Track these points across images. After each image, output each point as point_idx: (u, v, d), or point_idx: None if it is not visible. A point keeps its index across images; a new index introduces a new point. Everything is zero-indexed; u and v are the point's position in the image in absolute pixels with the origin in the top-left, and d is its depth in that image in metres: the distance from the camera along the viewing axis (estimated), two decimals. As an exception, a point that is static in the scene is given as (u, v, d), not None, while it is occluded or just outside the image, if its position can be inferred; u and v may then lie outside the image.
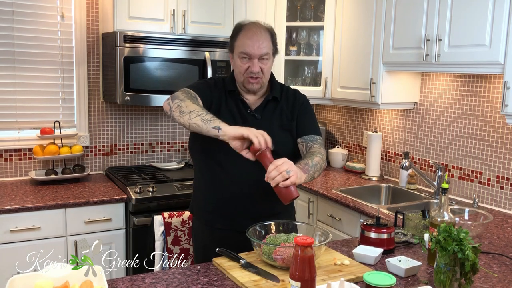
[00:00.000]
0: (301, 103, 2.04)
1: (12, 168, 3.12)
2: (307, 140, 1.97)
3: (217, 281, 1.57)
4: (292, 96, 2.05)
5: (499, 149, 2.65)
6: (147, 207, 2.83)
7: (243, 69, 1.90)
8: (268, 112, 1.97)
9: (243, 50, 1.89)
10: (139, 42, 2.97)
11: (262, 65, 1.90)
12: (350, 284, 1.43)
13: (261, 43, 1.89)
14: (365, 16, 3.06)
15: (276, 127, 1.95)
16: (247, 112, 1.95)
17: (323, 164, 1.87)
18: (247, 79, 1.92)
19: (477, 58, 2.34)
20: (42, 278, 1.42)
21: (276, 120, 1.97)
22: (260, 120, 1.95)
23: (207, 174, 1.97)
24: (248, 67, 1.89)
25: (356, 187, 3.09)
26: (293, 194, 1.61)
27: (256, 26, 1.93)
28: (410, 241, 1.98)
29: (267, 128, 1.91)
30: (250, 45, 1.88)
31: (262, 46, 1.89)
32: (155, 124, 3.54)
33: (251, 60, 1.89)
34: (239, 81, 1.96)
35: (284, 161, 1.63)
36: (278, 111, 1.99)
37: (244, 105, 1.97)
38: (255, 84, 1.92)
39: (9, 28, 3.00)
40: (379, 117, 3.46)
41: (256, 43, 1.88)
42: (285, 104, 2.01)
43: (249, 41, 1.88)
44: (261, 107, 1.97)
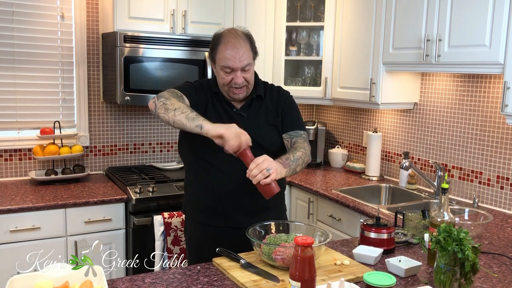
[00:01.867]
0: (284, 99, 2.07)
1: (12, 168, 3.12)
2: (292, 135, 2.00)
3: (217, 281, 1.57)
4: (276, 92, 2.08)
5: (499, 149, 2.66)
6: (147, 207, 2.83)
7: (227, 81, 1.92)
8: (254, 109, 2.00)
9: (224, 64, 1.89)
10: (139, 42, 2.97)
11: (245, 75, 1.92)
12: (350, 284, 1.43)
13: (242, 54, 1.88)
14: (365, 16, 3.06)
15: (263, 124, 1.99)
16: (233, 111, 1.98)
17: (306, 158, 1.91)
18: (231, 90, 1.94)
19: (477, 58, 2.34)
20: (42, 278, 1.42)
21: (263, 117, 2.00)
22: (247, 117, 1.97)
23: (198, 173, 1.99)
24: (232, 79, 1.90)
25: (356, 187, 3.09)
26: (273, 190, 1.70)
27: (234, 36, 1.91)
28: (410, 241, 1.98)
29: (254, 125, 1.96)
30: (231, 59, 1.87)
31: (243, 58, 1.89)
32: (155, 124, 3.54)
33: (234, 72, 1.90)
34: (224, 91, 1.97)
35: (265, 159, 1.69)
36: (263, 108, 2.02)
37: (229, 105, 1.99)
38: (241, 94, 1.95)
39: (9, 28, 3.00)
40: (379, 117, 3.46)
41: (237, 56, 1.87)
42: (270, 101, 2.04)
43: (229, 55, 1.88)
44: (246, 105, 2.00)
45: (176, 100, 1.83)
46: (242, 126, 1.87)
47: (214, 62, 1.96)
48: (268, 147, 1.94)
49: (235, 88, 1.92)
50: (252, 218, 1.87)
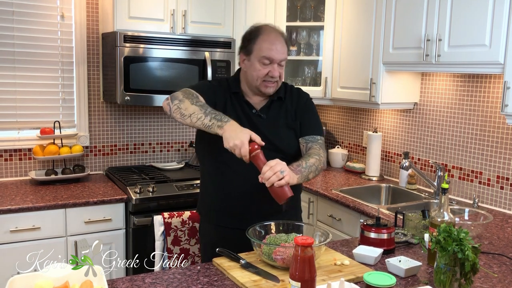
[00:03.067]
0: (304, 101, 2.05)
1: (12, 168, 3.12)
2: (308, 140, 1.98)
3: (217, 281, 1.57)
4: (296, 94, 2.06)
5: (499, 149, 2.65)
6: (147, 207, 2.83)
7: (263, 73, 1.90)
8: (273, 111, 1.98)
9: (265, 55, 1.88)
10: (139, 42, 2.97)
11: (280, 70, 1.92)
12: (350, 284, 1.43)
13: (281, 47, 1.91)
14: (365, 16, 3.06)
15: (282, 126, 1.97)
16: (252, 112, 1.95)
17: (320, 165, 1.88)
18: (264, 84, 1.92)
19: (477, 58, 2.34)
20: (42, 278, 1.42)
21: (282, 119, 1.98)
22: (266, 119, 1.95)
23: (214, 173, 1.97)
24: (269, 72, 1.89)
25: (356, 187, 3.09)
26: (287, 193, 1.65)
27: (275, 31, 1.94)
28: (410, 241, 1.98)
29: (272, 127, 1.94)
30: (274, 50, 1.88)
31: (283, 51, 1.91)
32: (155, 124, 3.54)
33: (272, 65, 1.89)
34: (253, 85, 1.94)
35: (277, 162, 1.66)
36: (283, 111, 1.99)
37: (248, 106, 1.97)
38: (272, 88, 1.93)
39: (9, 28, 3.00)
40: (379, 117, 3.46)
41: (279, 48, 1.89)
42: (289, 103, 2.02)
43: (273, 46, 1.89)
44: (266, 107, 1.98)
45: (189, 103, 1.79)
46: (260, 128, 1.89)
47: (249, 53, 1.92)
48: (285, 150, 1.93)
49: (269, 81, 1.91)
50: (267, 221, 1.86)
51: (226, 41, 3.25)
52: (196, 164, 3.46)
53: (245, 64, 1.97)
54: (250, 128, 1.89)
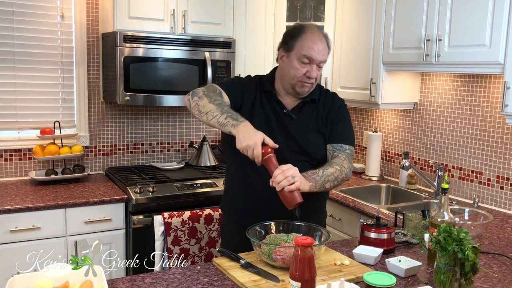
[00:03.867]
0: (338, 107, 2.00)
1: (12, 168, 3.12)
2: (335, 148, 1.94)
3: (217, 281, 1.57)
4: (330, 99, 2.01)
5: (499, 149, 2.65)
6: (147, 207, 2.83)
7: (301, 72, 1.86)
8: (305, 113, 1.95)
9: (307, 54, 1.85)
10: (139, 42, 2.97)
11: (318, 71, 1.90)
12: (350, 284, 1.43)
13: (323, 49, 1.88)
14: (365, 16, 3.06)
15: (312, 129, 1.93)
16: (283, 112, 1.93)
17: (341, 176, 1.83)
18: (300, 83, 1.88)
19: (477, 58, 2.34)
20: (42, 278, 1.42)
21: (312, 123, 1.94)
22: (296, 120, 1.92)
23: (239, 173, 1.96)
24: (306, 72, 1.86)
25: (356, 187, 3.09)
26: (297, 199, 1.63)
27: (319, 32, 1.92)
28: (410, 241, 1.98)
29: (302, 129, 1.91)
30: (316, 50, 1.85)
31: (323, 53, 1.88)
32: (155, 124, 3.54)
33: (311, 65, 1.86)
34: (289, 83, 1.90)
35: (290, 167, 1.64)
36: (314, 113, 1.96)
37: (279, 105, 1.94)
38: (307, 88, 1.90)
39: (9, 28, 3.00)
40: (379, 117, 3.46)
41: (321, 49, 1.87)
42: (322, 107, 1.98)
43: (315, 45, 1.86)
44: (298, 108, 1.95)
45: (207, 101, 1.79)
46: (289, 129, 1.88)
47: (290, 50, 1.89)
48: (312, 154, 1.90)
49: (305, 82, 1.87)
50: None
51: (226, 41, 3.25)
52: (196, 164, 3.46)
53: (284, 60, 1.93)
54: (279, 128, 1.90)
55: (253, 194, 1.92)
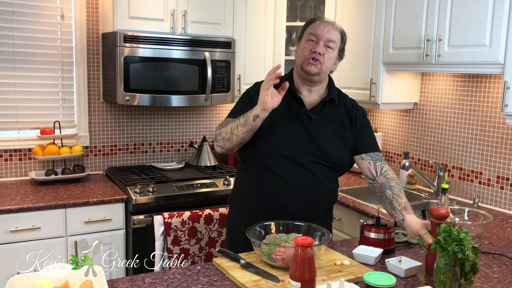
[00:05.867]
0: (361, 115, 2.02)
1: (12, 168, 3.12)
2: (373, 158, 1.97)
3: (217, 281, 1.57)
4: (350, 104, 2.03)
5: (499, 149, 2.65)
6: (147, 207, 2.83)
7: (307, 50, 1.90)
8: (325, 114, 1.95)
9: (312, 31, 1.90)
10: (139, 42, 2.96)
11: (326, 51, 1.89)
12: (350, 284, 1.43)
13: (331, 29, 1.92)
14: (365, 16, 3.06)
15: (330, 132, 1.93)
16: (301, 111, 1.93)
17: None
18: (307, 60, 1.89)
19: (477, 58, 2.34)
20: (42, 278, 1.42)
21: (331, 125, 1.94)
22: (315, 121, 1.92)
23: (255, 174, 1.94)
24: (312, 48, 1.89)
25: (356, 187, 3.09)
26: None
27: (331, 21, 1.99)
28: (410, 241, 1.98)
29: (320, 130, 1.91)
30: (320, 27, 1.90)
31: (331, 32, 1.91)
32: (155, 124, 3.54)
33: (317, 42, 1.89)
34: (299, 64, 1.94)
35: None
36: (334, 116, 1.96)
37: (299, 103, 1.94)
38: (314, 66, 1.89)
39: (9, 28, 3.00)
40: (379, 117, 3.46)
41: (327, 27, 1.91)
42: (343, 110, 1.99)
43: (321, 24, 1.92)
44: (318, 108, 1.94)
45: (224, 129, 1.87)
46: (308, 128, 1.89)
47: (301, 38, 1.96)
48: (329, 157, 1.90)
49: (312, 58, 1.88)
50: None
51: (226, 41, 3.24)
52: (196, 164, 3.46)
53: (296, 50, 1.99)
54: (297, 127, 1.90)
55: (270, 196, 1.90)
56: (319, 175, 1.90)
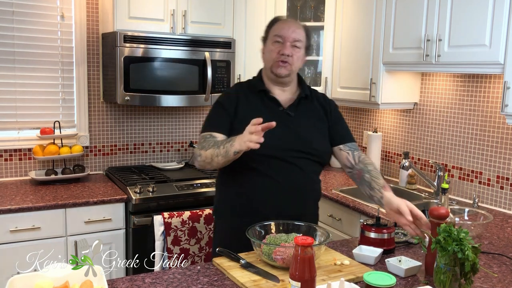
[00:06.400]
0: (333, 107, 2.07)
1: (12, 168, 3.12)
2: (351, 148, 2.02)
3: (217, 281, 1.57)
4: (322, 98, 2.07)
5: (499, 149, 2.65)
6: (147, 207, 2.83)
7: (275, 52, 1.91)
8: (302, 110, 1.98)
9: (277, 33, 1.92)
10: (139, 42, 2.97)
11: (293, 51, 1.91)
12: (350, 284, 1.43)
13: (296, 28, 1.93)
14: (365, 16, 3.06)
15: (311, 126, 1.97)
16: (279, 110, 1.95)
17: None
18: (276, 63, 1.92)
19: (477, 58, 2.34)
20: (42, 278, 1.42)
21: (310, 119, 1.98)
22: (294, 117, 1.95)
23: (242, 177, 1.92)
24: (279, 50, 1.90)
25: (356, 187, 3.07)
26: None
27: (292, 18, 2.03)
28: (410, 241, 1.98)
29: (301, 125, 1.94)
30: (285, 28, 1.92)
31: (297, 31, 1.92)
32: (155, 124, 3.54)
33: (284, 44, 1.91)
34: (268, 68, 1.96)
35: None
36: (310, 110, 2.00)
37: (275, 103, 1.96)
38: (283, 68, 1.91)
39: (9, 28, 3.00)
40: (379, 117, 3.46)
41: (291, 27, 1.92)
42: (317, 104, 2.03)
43: (285, 25, 1.94)
44: (294, 105, 1.97)
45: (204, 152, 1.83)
46: (290, 126, 1.91)
47: (266, 40, 1.98)
48: (314, 151, 1.93)
49: (280, 61, 1.90)
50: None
51: (226, 41, 3.25)
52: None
53: (263, 52, 2.00)
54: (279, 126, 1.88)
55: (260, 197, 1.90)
56: (307, 170, 1.94)
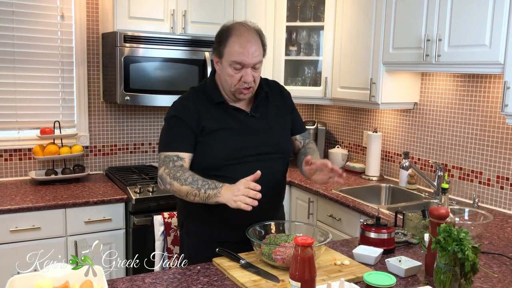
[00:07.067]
0: (288, 96, 2.08)
1: (12, 168, 3.12)
2: (304, 137, 2.10)
3: (217, 281, 1.57)
4: (277, 89, 2.05)
5: (499, 149, 2.65)
6: (147, 207, 2.83)
7: (236, 79, 1.79)
8: (263, 108, 1.94)
9: (236, 60, 1.77)
10: (139, 42, 2.97)
11: (255, 73, 1.81)
12: (350, 284, 1.43)
13: (255, 50, 1.78)
14: (365, 16, 3.06)
15: (275, 124, 1.95)
16: (243, 115, 1.89)
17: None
18: (238, 90, 1.82)
19: (477, 58, 2.34)
20: (42, 278, 1.42)
21: (272, 117, 1.95)
22: (260, 119, 1.92)
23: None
24: (241, 77, 1.79)
25: (356, 187, 3.09)
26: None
27: (247, 31, 1.80)
28: (410, 241, 1.98)
29: (267, 126, 1.92)
30: (244, 54, 1.76)
31: (256, 54, 1.78)
32: (155, 124, 3.54)
33: (244, 69, 1.78)
34: (229, 90, 1.85)
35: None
36: (270, 107, 1.97)
37: (238, 110, 1.89)
38: (248, 94, 1.85)
39: (9, 28, 3.00)
40: (379, 117, 3.46)
41: (250, 51, 1.76)
42: (274, 97, 2.00)
43: (243, 49, 1.76)
44: (255, 106, 1.92)
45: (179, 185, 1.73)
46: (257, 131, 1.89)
47: (221, 57, 1.81)
48: (282, 149, 1.93)
49: (243, 88, 1.81)
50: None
51: (226, 41, 3.24)
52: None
53: (218, 67, 1.86)
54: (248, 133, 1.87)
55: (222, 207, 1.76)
56: (278, 169, 1.94)
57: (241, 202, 1.58)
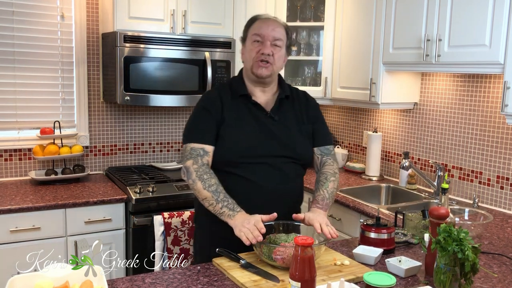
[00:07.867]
0: (314, 106, 2.04)
1: (12, 168, 3.12)
2: (323, 152, 2.00)
3: (217, 281, 1.57)
4: (303, 97, 2.04)
5: (499, 149, 2.65)
6: (147, 207, 2.83)
7: (254, 52, 1.87)
8: (284, 112, 1.95)
9: (256, 32, 1.88)
10: (139, 42, 2.97)
11: (274, 50, 1.88)
12: (350, 284, 1.43)
13: (276, 27, 1.89)
14: (365, 16, 3.06)
15: (296, 130, 1.94)
16: (263, 115, 1.91)
17: (337, 183, 1.95)
18: (256, 63, 1.87)
19: (477, 58, 2.34)
20: (42, 278, 1.42)
21: (293, 122, 1.95)
22: (279, 121, 1.92)
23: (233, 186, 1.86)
24: (259, 50, 1.86)
25: (356, 187, 3.09)
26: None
27: (271, 18, 1.95)
28: (410, 241, 1.98)
29: (286, 130, 1.91)
30: (264, 27, 1.87)
31: (276, 29, 1.88)
32: (155, 124, 3.54)
33: (263, 43, 1.87)
34: (248, 68, 1.91)
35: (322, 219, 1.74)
36: (292, 111, 1.97)
37: (258, 108, 1.92)
38: (265, 69, 1.87)
39: (9, 28, 3.00)
40: (379, 117, 3.46)
41: (270, 26, 1.88)
42: (298, 105, 1.99)
43: (264, 24, 1.89)
44: (276, 107, 1.93)
45: (201, 187, 1.78)
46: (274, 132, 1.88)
47: (245, 40, 1.94)
48: (299, 156, 1.92)
49: (261, 61, 1.86)
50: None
51: (226, 41, 3.25)
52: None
53: (243, 53, 1.96)
54: (265, 133, 1.88)
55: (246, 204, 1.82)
56: (293, 174, 1.93)
57: (244, 234, 1.63)
